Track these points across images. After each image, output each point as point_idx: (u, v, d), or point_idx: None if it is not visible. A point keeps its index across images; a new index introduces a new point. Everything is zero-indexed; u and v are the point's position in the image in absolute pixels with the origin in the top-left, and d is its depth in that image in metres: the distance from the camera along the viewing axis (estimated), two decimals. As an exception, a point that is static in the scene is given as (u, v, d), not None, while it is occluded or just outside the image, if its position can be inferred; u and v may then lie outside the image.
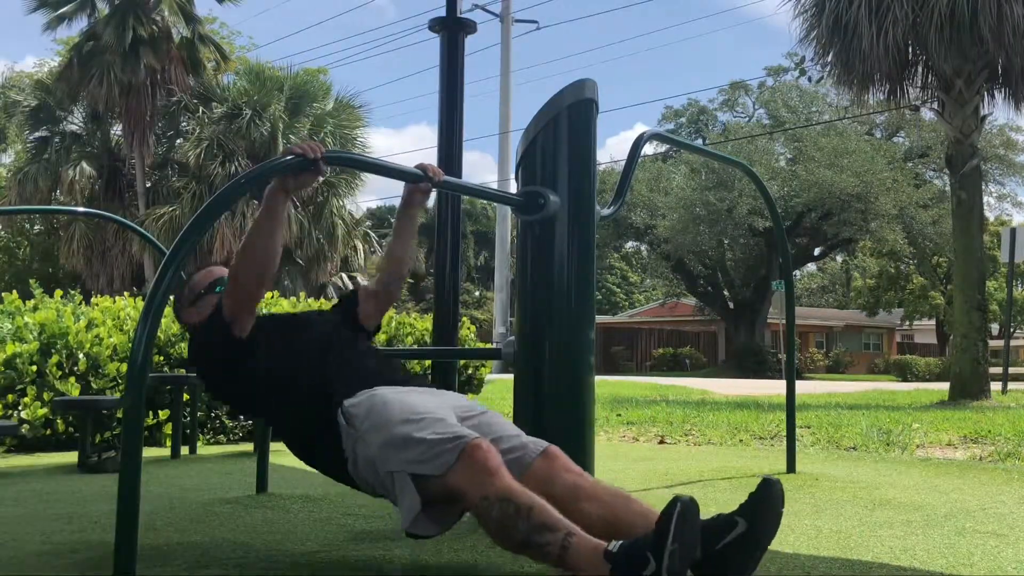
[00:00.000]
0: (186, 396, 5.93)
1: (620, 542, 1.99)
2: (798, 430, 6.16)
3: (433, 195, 3.23)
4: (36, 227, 27.88)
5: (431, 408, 2.34)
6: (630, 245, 39.01)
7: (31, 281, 8.70)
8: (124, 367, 6.00)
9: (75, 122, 24.55)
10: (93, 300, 7.15)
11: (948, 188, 15.61)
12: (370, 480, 2.34)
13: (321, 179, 2.57)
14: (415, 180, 2.74)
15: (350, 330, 2.77)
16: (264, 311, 2.64)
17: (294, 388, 2.49)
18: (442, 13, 4.41)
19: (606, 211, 3.46)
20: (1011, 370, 15.91)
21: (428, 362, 6.98)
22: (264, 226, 2.46)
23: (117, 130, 24.39)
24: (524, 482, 2.25)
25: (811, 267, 48.40)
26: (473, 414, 2.49)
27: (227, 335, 2.52)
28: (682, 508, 1.95)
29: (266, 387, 2.53)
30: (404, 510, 2.22)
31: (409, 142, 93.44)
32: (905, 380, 27.52)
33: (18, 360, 5.89)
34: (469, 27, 4.44)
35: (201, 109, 22.50)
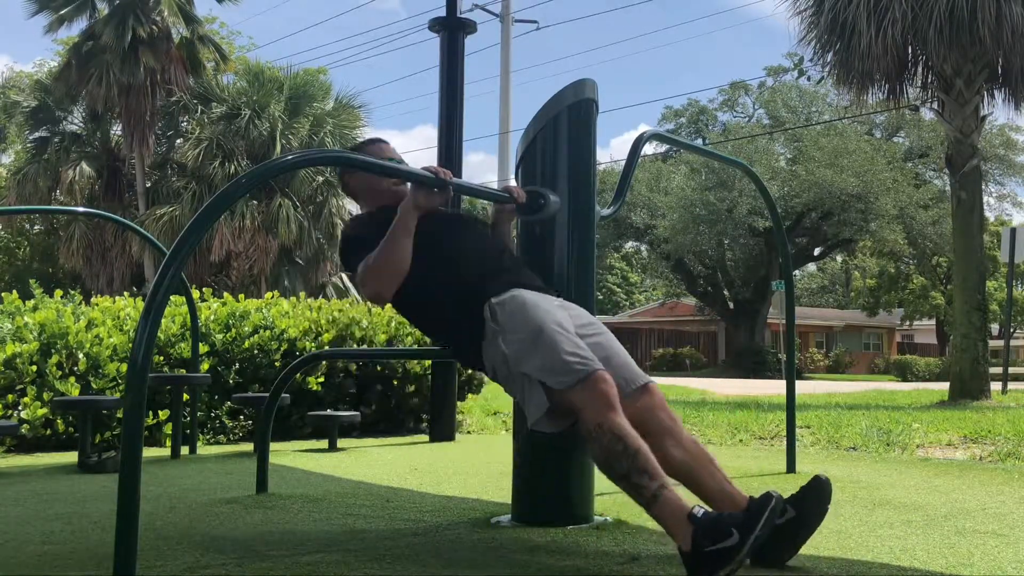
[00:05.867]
0: (186, 396, 5.93)
1: (705, 509, 2.20)
2: (798, 430, 6.17)
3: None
4: (36, 227, 27.90)
5: (565, 323, 2.55)
6: (630, 245, 39.00)
7: (31, 281, 8.69)
8: (124, 367, 5.99)
9: (75, 122, 24.56)
10: (93, 300, 7.15)
11: (948, 188, 15.61)
12: (500, 371, 2.59)
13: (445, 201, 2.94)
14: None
15: (495, 236, 3.02)
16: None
17: (450, 280, 2.72)
18: (442, 13, 4.41)
19: (606, 211, 3.46)
20: (1011, 370, 15.91)
21: (428, 362, 6.98)
22: (399, 237, 2.73)
23: (117, 130, 24.37)
24: (623, 406, 2.44)
25: (811, 267, 48.43)
26: (591, 333, 2.67)
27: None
28: (775, 504, 2.16)
29: (426, 274, 2.73)
30: (531, 409, 2.48)
31: (417, 143, 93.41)
32: (905, 380, 27.52)
33: (18, 360, 5.88)
34: (469, 27, 4.45)
35: (200, 109, 22.50)
